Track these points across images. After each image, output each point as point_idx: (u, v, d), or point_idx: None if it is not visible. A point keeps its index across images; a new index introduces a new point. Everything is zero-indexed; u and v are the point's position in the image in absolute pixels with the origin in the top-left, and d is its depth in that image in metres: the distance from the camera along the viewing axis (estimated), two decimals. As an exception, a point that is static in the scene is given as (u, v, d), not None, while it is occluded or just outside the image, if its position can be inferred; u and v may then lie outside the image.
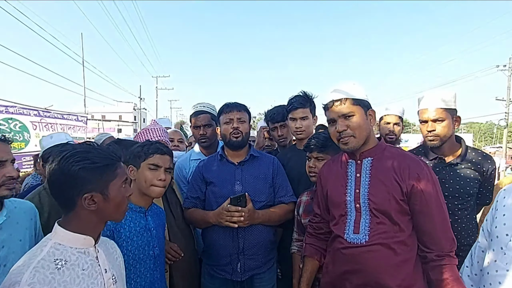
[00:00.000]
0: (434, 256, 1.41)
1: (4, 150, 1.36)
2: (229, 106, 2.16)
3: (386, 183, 1.46)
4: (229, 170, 2.10)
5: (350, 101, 1.50)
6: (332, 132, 1.56)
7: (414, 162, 1.49)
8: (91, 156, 1.05)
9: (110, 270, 1.14)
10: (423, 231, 1.44)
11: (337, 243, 1.55)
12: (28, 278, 0.91)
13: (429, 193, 1.43)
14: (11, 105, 6.96)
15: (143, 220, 1.60)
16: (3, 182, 1.32)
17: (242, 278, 1.99)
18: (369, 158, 1.55)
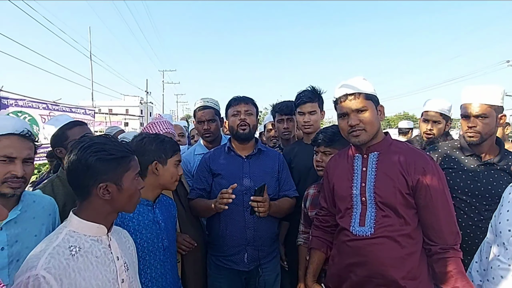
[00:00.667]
0: (439, 249, 1.42)
1: (17, 146, 1.30)
2: (237, 99, 2.19)
3: (392, 177, 1.48)
4: (237, 163, 2.12)
5: (363, 96, 1.52)
6: (343, 125, 1.57)
7: (420, 156, 1.51)
8: (107, 148, 1.09)
9: (122, 257, 1.17)
10: (428, 224, 1.45)
11: (343, 236, 1.57)
12: (44, 263, 0.95)
13: (435, 187, 1.44)
14: (20, 99, 7.03)
15: (151, 213, 1.61)
16: (6, 179, 1.26)
17: (248, 268, 2.04)
18: (375, 153, 1.56)
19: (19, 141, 1.31)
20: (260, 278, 2.08)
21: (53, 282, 0.94)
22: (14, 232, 1.29)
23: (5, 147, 1.27)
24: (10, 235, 1.28)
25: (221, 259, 2.08)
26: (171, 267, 1.66)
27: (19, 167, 1.29)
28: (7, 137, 1.28)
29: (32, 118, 7.29)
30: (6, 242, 1.26)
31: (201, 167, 2.20)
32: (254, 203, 1.87)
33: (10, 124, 1.31)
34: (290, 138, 2.77)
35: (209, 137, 2.64)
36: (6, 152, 1.26)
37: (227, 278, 2.08)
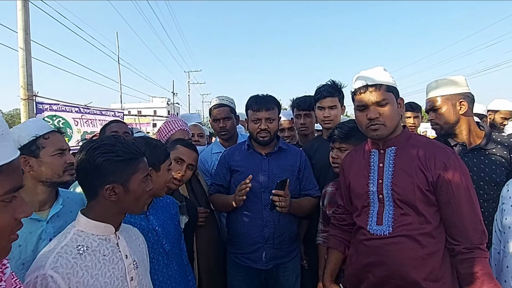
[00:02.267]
0: (463, 248, 1.33)
1: (63, 140, 1.50)
2: (258, 104, 2.07)
3: (410, 172, 1.40)
4: (256, 160, 2.10)
5: (384, 88, 1.45)
6: (362, 119, 1.50)
7: (441, 150, 1.42)
8: (115, 149, 1.09)
9: (131, 256, 1.18)
10: (451, 222, 1.36)
11: (360, 235, 1.51)
12: (52, 262, 0.97)
13: (457, 183, 1.35)
14: (54, 103, 7.39)
15: (144, 221, 1.53)
16: (66, 168, 1.44)
17: (266, 267, 2.01)
18: (392, 148, 1.49)
19: (61, 136, 1.51)
20: (279, 279, 2.05)
21: (60, 281, 0.96)
22: (58, 225, 1.40)
23: (57, 142, 1.46)
24: (55, 227, 1.39)
25: (239, 257, 2.07)
26: (179, 268, 1.63)
27: (71, 156, 1.47)
28: (53, 133, 1.47)
29: (65, 122, 7.65)
30: (53, 233, 1.36)
31: (221, 163, 2.20)
32: (276, 197, 1.82)
33: (45, 124, 1.51)
34: (308, 134, 2.71)
35: (225, 135, 2.64)
36: (59, 146, 1.45)
37: (245, 276, 2.07)
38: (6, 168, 0.65)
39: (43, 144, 1.40)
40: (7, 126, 0.69)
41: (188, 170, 1.92)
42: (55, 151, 1.43)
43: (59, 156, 1.44)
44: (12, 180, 0.66)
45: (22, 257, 1.29)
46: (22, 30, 5.95)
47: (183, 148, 1.93)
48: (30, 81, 6.19)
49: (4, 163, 0.64)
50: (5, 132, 0.66)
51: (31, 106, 6.32)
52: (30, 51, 6.14)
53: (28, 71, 6.11)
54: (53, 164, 1.41)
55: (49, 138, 1.43)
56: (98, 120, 8.90)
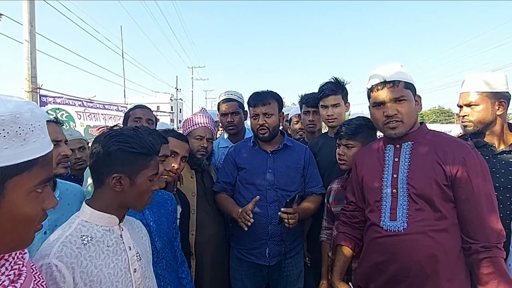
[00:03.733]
0: (480, 247, 1.28)
1: (58, 131, 1.44)
2: (255, 99, 2.09)
3: (427, 167, 1.36)
4: (261, 157, 2.10)
5: (402, 84, 1.42)
6: (378, 116, 1.47)
7: (460, 145, 1.38)
8: (131, 141, 1.10)
9: (134, 247, 1.18)
10: (468, 220, 1.32)
11: (373, 232, 1.47)
12: (57, 251, 0.98)
13: (476, 180, 1.31)
14: (58, 96, 7.42)
15: (139, 215, 1.50)
16: (59, 160, 1.41)
17: (270, 263, 2.01)
18: (409, 142, 1.46)
19: (56, 126, 1.46)
20: (282, 274, 2.05)
21: (65, 270, 0.96)
22: (53, 218, 1.38)
23: (51, 133, 1.39)
24: (51, 220, 1.37)
25: (243, 252, 2.08)
26: (168, 267, 1.59)
27: (66, 148, 1.43)
28: (48, 124, 1.40)
29: (69, 115, 7.68)
30: (48, 226, 1.35)
31: (227, 160, 2.21)
32: (284, 215, 1.80)
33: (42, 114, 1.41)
34: (315, 131, 2.70)
35: (233, 130, 2.63)
36: (53, 137, 1.39)
37: (248, 271, 2.08)
38: (42, 160, 0.67)
39: None
40: (45, 119, 0.70)
41: (181, 162, 1.89)
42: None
43: (53, 148, 1.41)
44: (46, 171, 0.68)
45: None
46: (27, 22, 5.95)
47: (175, 140, 1.88)
48: (35, 74, 6.20)
49: (41, 155, 0.67)
50: (43, 125, 0.68)
51: (35, 99, 6.34)
52: (35, 44, 6.14)
53: (33, 63, 6.12)
54: None
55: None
56: (101, 114, 8.93)
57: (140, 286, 1.17)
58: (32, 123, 0.64)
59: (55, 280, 0.94)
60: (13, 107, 0.61)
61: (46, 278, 0.93)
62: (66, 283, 0.95)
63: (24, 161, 0.63)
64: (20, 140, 0.62)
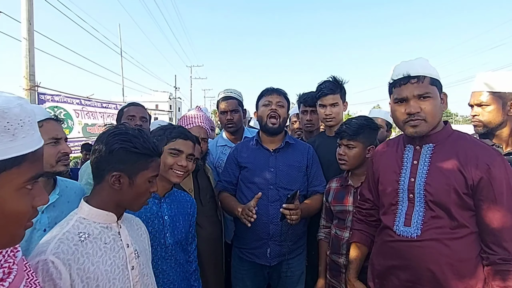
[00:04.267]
0: (498, 259, 1.22)
1: (58, 129, 1.43)
2: (269, 90, 2.15)
3: (447, 173, 1.29)
4: (263, 156, 2.09)
5: (428, 80, 1.33)
6: (399, 113, 1.38)
7: (485, 150, 1.29)
8: (134, 141, 1.10)
9: (132, 245, 1.18)
10: (489, 230, 1.25)
11: (385, 235, 1.43)
12: (53, 248, 0.98)
13: (501, 188, 1.23)
14: (56, 94, 7.39)
15: (156, 206, 1.54)
16: (59, 158, 1.39)
17: (271, 263, 2.00)
18: (430, 145, 1.38)
19: (56, 124, 1.44)
20: (283, 274, 2.04)
21: (61, 267, 0.96)
22: (53, 215, 1.38)
23: (51, 130, 1.39)
24: (50, 217, 1.37)
25: (244, 252, 2.07)
26: (176, 265, 1.59)
27: (66, 146, 1.42)
28: (47, 121, 1.40)
29: (67, 113, 7.65)
30: (47, 224, 1.35)
31: (229, 159, 2.20)
32: (286, 211, 1.79)
33: (42, 111, 1.44)
34: (313, 131, 2.70)
35: (232, 128, 2.63)
36: (53, 135, 1.39)
37: (249, 271, 2.07)
38: (31, 156, 0.66)
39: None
40: (35, 115, 0.69)
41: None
42: (48, 140, 1.37)
43: (53, 146, 1.38)
44: (35, 167, 0.67)
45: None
46: (25, 20, 5.93)
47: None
48: (33, 72, 6.18)
49: (30, 151, 0.66)
50: (33, 121, 0.67)
51: (33, 97, 6.32)
52: (33, 42, 6.12)
53: (31, 61, 6.10)
54: (45, 153, 1.33)
55: (43, 126, 1.37)
56: (99, 112, 8.90)
57: (138, 283, 1.16)
58: (21, 119, 0.63)
59: (52, 276, 0.94)
60: (1, 102, 0.61)
61: (43, 274, 0.93)
62: (63, 280, 0.95)
63: (13, 157, 0.62)
64: (9, 136, 0.61)
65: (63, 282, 0.95)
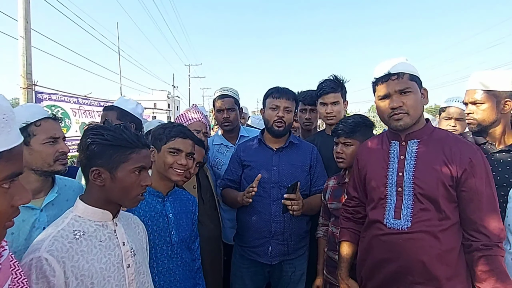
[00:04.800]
0: (481, 245, 1.30)
1: (57, 128, 1.43)
2: (279, 92, 2.08)
3: (435, 167, 1.36)
4: (266, 155, 2.08)
5: (407, 76, 1.42)
6: (384, 108, 1.47)
7: (467, 146, 1.39)
8: (107, 134, 1.09)
9: (128, 243, 1.18)
10: (471, 219, 1.33)
11: (375, 229, 1.47)
12: (48, 246, 0.97)
13: (481, 180, 1.33)
14: (53, 93, 7.34)
15: (159, 205, 1.55)
16: (57, 157, 1.38)
17: (272, 262, 1.99)
18: (415, 140, 1.45)
19: (55, 123, 1.44)
20: (283, 274, 2.04)
21: (55, 264, 0.95)
22: (52, 213, 1.38)
23: (49, 129, 1.39)
24: (49, 216, 1.37)
25: (246, 250, 2.07)
26: (182, 264, 1.59)
27: (64, 145, 1.41)
28: (45, 120, 1.40)
29: (64, 112, 7.60)
30: (46, 222, 1.35)
31: (233, 158, 2.20)
32: (288, 201, 1.78)
33: (40, 110, 1.42)
34: (311, 129, 2.70)
35: (228, 126, 2.62)
36: (51, 134, 1.38)
37: (249, 269, 2.07)
38: (6, 154, 0.64)
39: (34, 132, 1.35)
40: (12, 112, 0.68)
41: (196, 166, 1.83)
42: (46, 139, 1.37)
43: (51, 145, 1.38)
44: (12, 166, 0.66)
45: (14, 246, 1.27)
46: (22, 19, 5.89)
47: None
48: (30, 70, 6.15)
49: (5, 149, 0.64)
50: (9, 118, 0.66)
51: (31, 95, 6.28)
52: (30, 40, 6.08)
53: (28, 60, 6.07)
54: (43, 152, 1.35)
55: (41, 125, 1.37)
56: (96, 111, 8.86)
57: (134, 281, 1.16)
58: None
59: (45, 274, 0.94)
60: None
61: (36, 271, 0.93)
62: (56, 277, 0.95)
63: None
64: None
65: (57, 280, 0.95)
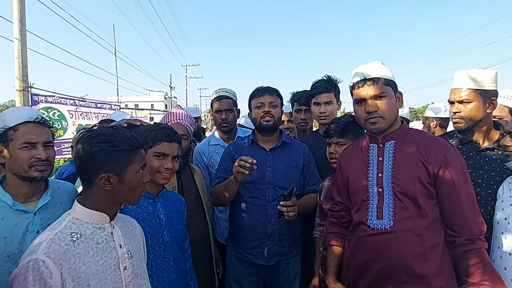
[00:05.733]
0: (464, 240, 1.33)
1: (36, 133, 1.38)
2: (261, 90, 2.11)
3: (411, 165, 1.41)
4: (260, 156, 2.04)
5: (382, 81, 1.46)
6: (360, 112, 1.51)
7: (440, 144, 1.44)
8: (112, 139, 1.10)
9: (125, 245, 1.19)
10: (451, 215, 1.37)
11: (360, 231, 1.49)
12: (45, 248, 0.98)
13: (457, 175, 1.36)
14: (50, 95, 7.31)
15: (151, 206, 1.57)
16: (32, 163, 1.34)
17: (268, 263, 1.98)
18: (392, 141, 1.49)
19: (36, 128, 1.40)
20: (280, 274, 2.03)
21: (52, 266, 0.96)
22: (46, 217, 1.38)
23: (24, 134, 1.36)
24: (43, 219, 1.37)
25: (241, 251, 2.04)
26: (175, 264, 1.60)
27: (42, 151, 1.38)
28: (24, 125, 1.37)
29: (60, 114, 7.58)
30: (40, 225, 1.35)
31: (225, 157, 2.16)
32: (284, 208, 1.78)
33: (24, 113, 1.40)
34: (306, 129, 2.71)
35: (226, 127, 2.62)
36: (27, 139, 1.36)
37: (246, 270, 2.05)
38: None
39: (11, 136, 1.34)
40: None
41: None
42: (22, 144, 1.34)
43: (26, 150, 1.35)
44: None
45: (8, 249, 1.27)
46: (17, 20, 5.86)
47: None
48: (26, 72, 6.12)
49: None
50: None
51: (26, 98, 6.25)
52: (26, 42, 6.05)
53: (24, 62, 6.03)
54: (18, 157, 1.33)
55: (19, 130, 1.35)
56: (93, 113, 8.82)
57: (131, 284, 1.17)
58: None
59: (42, 275, 0.94)
60: None
61: (33, 273, 0.94)
62: (53, 279, 0.96)
63: None
64: None
65: (54, 282, 0.96)
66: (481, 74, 1.74)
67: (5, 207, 1.32)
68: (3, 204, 1.32)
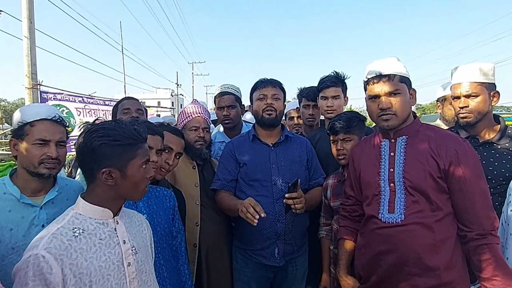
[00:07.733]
0: (475, 235, 1.33)
1: (50, 131, 1.41)
2: (264, 82, 2.06)
3: (422, 160, 1.41)
4: (263, 152, 2.01)
5: (398, 78, 1.45)
6: (373, 108, 1.51)
7: (452, 138, 1.43)
8: (113, 134, 1.08)
9: (129, 241, 1.17)
10: (463, 209, 1.37)
11: (371, 224, 1.50)
12: (46, 243, 0.98)
13: (469, 170, 1.35)
14: (58, 92, 7.39)
15: (132, 207, 1.49)
16: (42, 160, 1.37)
17: (279, 263, 1.92)
18: (403, 137, 1.50)
19: (52, 126, 1.43)
20: (289, 273, 1.98)
21: (52, 261, 0.96)
22: (52, 212, 1.40)
23: (40, 131, 1.39)
24: (49, 214, 1.39)
25: (249, 252, 1.97)
26: (166, 262, 1.57)
27: (53, 149, 1.40)
28: (41, 122, 1.41)
29: (69, 111, 7.66)
30: (46, 220, 1.37)
31: (226, 156, 2.08)
32: (290, 200, 1.72)
33: (43, 110, 1.43)
34: (313, 125, 2.69)
35: (229, 124, 2.60)
36: (41, 136, 1.38)
37: (254, 272, 1.98)
38: None
39: (27, 131, 1.38)
40: None
41: (175, 158, 1.81)
42: (36, 141, 1.37)
43: (39, 147, 1.38)
44: None
45: (13, 241, 1.29)
46: (26, 19, 5.92)
47: (170, 135, 1.80)
48: (35, 70, 6.18)
49: None
50: None
51: (36, 95, 6.32)
52: (35, 40, 6.12)
53: (33, 60, 6.10)
54: (29, 153, 1.36)
55: (35, 126, 1.38)
56: (101, 110, 8.90)
57: (135, 280, 1.15)
58: None
59: (42, 271, 0.94)
60: None
61: (33, 268, 0.93)
62: (53, 275, 0.95)
63: None
64: None
65: (54, 277, 0.95)
66: (484, 67, 1.72)
67: (13, 199, 1.35)
68: (11, 196, 1.35)
